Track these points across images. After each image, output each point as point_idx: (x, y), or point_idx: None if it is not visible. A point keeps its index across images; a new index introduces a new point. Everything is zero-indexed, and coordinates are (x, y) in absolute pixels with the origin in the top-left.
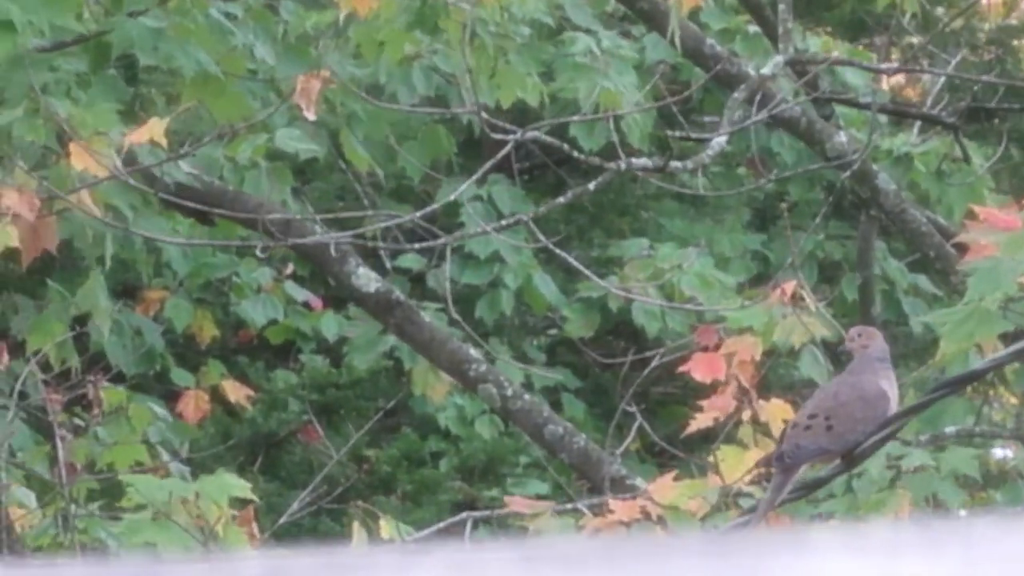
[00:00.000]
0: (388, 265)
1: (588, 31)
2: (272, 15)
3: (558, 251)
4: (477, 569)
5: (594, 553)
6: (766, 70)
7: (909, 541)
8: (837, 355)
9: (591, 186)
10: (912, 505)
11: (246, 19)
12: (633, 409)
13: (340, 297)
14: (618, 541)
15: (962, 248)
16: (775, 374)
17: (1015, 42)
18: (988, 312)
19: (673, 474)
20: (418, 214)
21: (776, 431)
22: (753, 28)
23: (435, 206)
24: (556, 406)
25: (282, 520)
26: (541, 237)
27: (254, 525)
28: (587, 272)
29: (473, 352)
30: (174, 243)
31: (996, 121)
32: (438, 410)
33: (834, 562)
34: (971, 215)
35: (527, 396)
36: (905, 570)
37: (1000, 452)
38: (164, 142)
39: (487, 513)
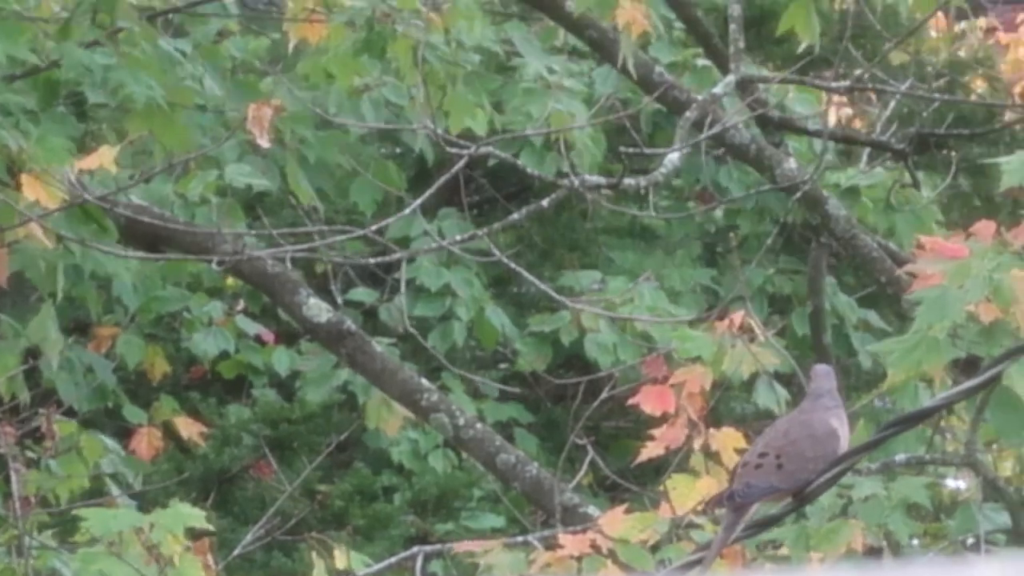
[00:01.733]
0: (339, 299)
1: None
2: (221, 50)
3: (512, 265)
4: None
5: None
6: (717, 89)
7: None
8: (790, 386)
9: (545, 203)
10: (863, 535)
11: (195, 55)
12: (584, 442)
13: (292, 332)
14: None
15: (911, 278)
16: (727, 407)
17: (964, 76)
18: (936, 340)
19: (624, 507)
20: (373, 227)
21: (727, 459)
22: (702, 61)
23: (389, 220)
24: (509, 441)
25: (235, 553)
26: (496, 252)
27: (209, 556)
28: (545, 287)
29: (424, 382)
30: (131, 256)
31: (945, 151)
32: (391, 444)
33: None
34: (920, 245)
35: (479, 425)
36: None
37: (953, 483)
38: (114, 169)
39: (438, 548)
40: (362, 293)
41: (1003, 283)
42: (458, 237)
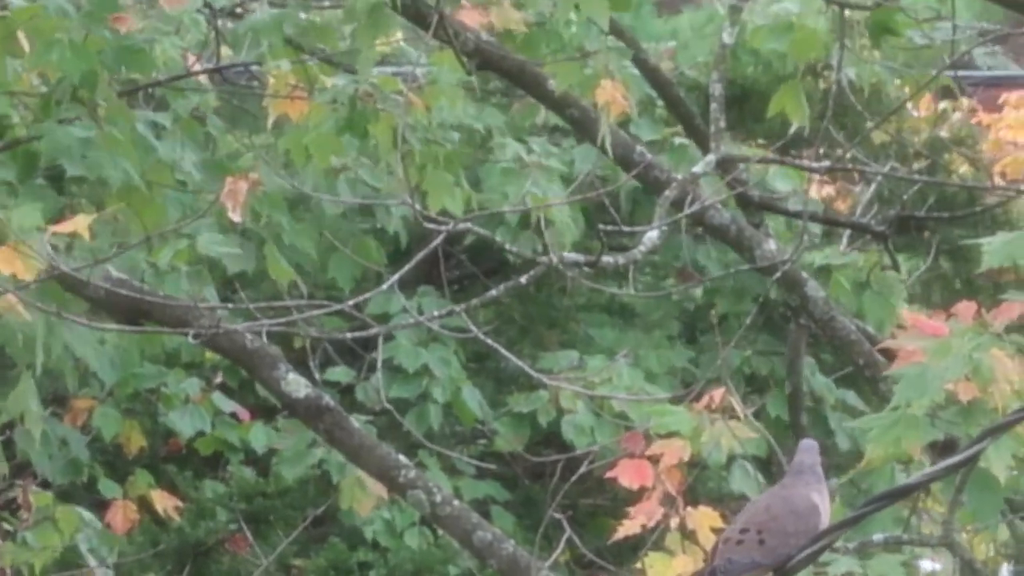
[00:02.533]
0: (318, 377)
1: (519, 139)
2: (200, 125)
3: (490, 342)
4: None
5: None
6: (698, 168)
7: None
8: (767, 469)
9: (523, 279)
10: None
11: (175, 129)
12: (561, 517)
13: (269, 408)
14: None
15: (890, 356)
16: (704, 487)
17: (945, 156)
18: (915, 418)
19: None
20: (351, 302)
21: (704, 538)
22: (680, 139)
23: (368, 295)
24: (486, 519)
25: None
26: (474, 328)
27: None
28: (523, 365)
29: (402, 458)
30: (107, 328)
31: (926, 234)
32: (365, 523)
33: None
34: (900, 323)
35: (456, 502)
36: None
37: (928, 565)
38: (87, 236)
39: None
40: (340, 372)
41: (983, 362)
42: (436, 313)
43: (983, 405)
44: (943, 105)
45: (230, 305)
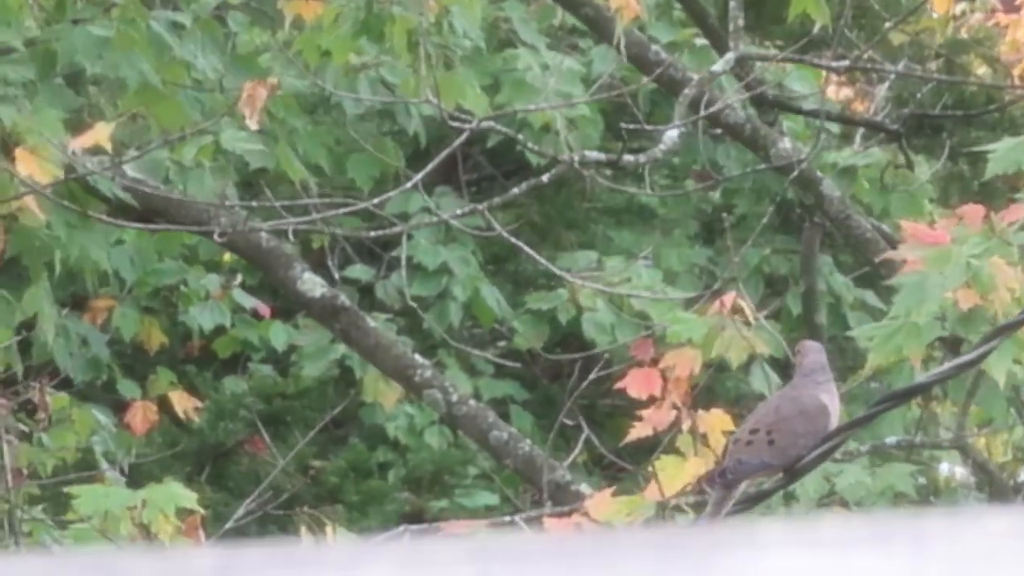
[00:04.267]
0: (336, 276)
1: (532, 47)
2: (220, 26)
3: (512, 239)
4: (428, 564)
5: (543, 548)
6: (717, 67)
7: (859, 536)
8: (785, 370)
9: (544, 178)
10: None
11: (194, 29)
12: (579, 418)
13: (289, 307)
14: (568, 537)
15: (901, 262)
16: (722, 387)
17: (963, 57)
18: (917, 326)
19: (611, 489)
20: (372, 201)
21: (715, 442)
22: (701, 41)
23: (389, 194)
24: (504, 419)
25: (228, 526)
26: (496, 226)
27: (200, 533)
28: (543, 261)
29: (418, 358)
30: (128, 226)
31: (943, 135)
32: (387, 420)
33: (785, 556)
34: (902, 231)
35: (472, 402)
36: (855, 565)
37: (947, 468)
38: (109, 147)
39: (424, 527)
40: (359, 270)
41: (982, 270)
42: (457, 212)
43: (983, 312)
44: (961, 6)
45: (252, 203)
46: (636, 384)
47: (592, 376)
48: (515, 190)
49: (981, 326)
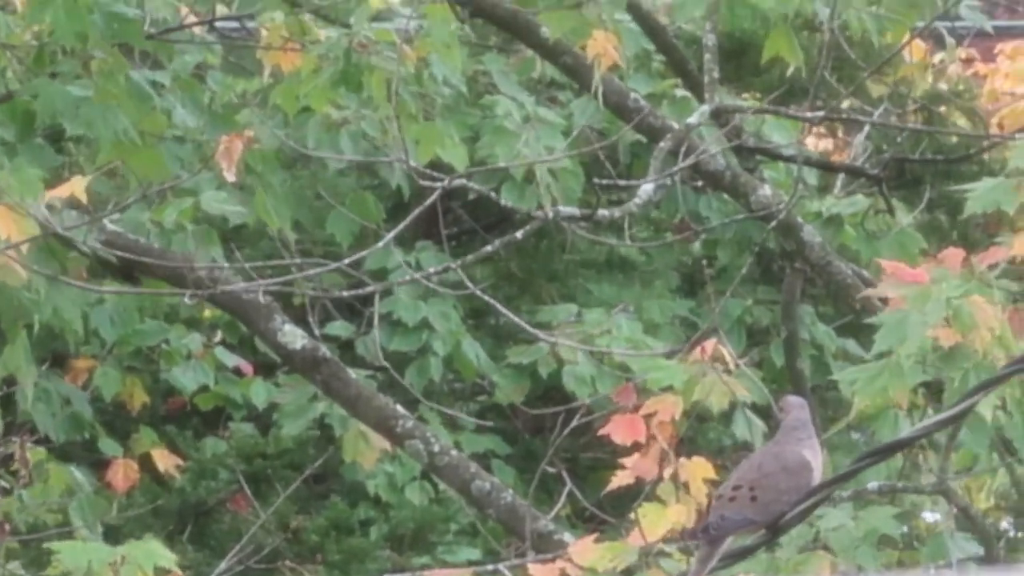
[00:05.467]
0: (316, 332)
1: (512, 99)
2: (199, 84)
3: (487, 298)
4: None
5: None
6: (692, 119)
7: None
8: (768, 418)
9: (519, 234)
10: (833, 567)
11: (174, 88)
12: (560, 469)
13: (270, 364)
14: None
15: (885, 303)
16: (704, 437)
17: (941, 107)
18: (900, 366)
19: (595, 536)
20: (348, 260)
21: (696, 489)
22: (681, 92)
23: (364, 252)
24: (486, 472)
25: None
26: (470, 285)
27: None
28: (520, 321)
29: (400, 409)
30: (103, 291)
31: (921, 185)
32: (368, 477)
33: None
34: (883, 271)
35: (454, 452)
36: None
37: (930, 515)
38: (84, 198)
39: None
40: (339, 327)
41: (962, 308)
42: (433, 269)
43: (965, 350)
44: (939, 56)
45: (226, 265)
46: (620, 431)
47: (574, 423)
48: (489, 247)
49: (962, 364)
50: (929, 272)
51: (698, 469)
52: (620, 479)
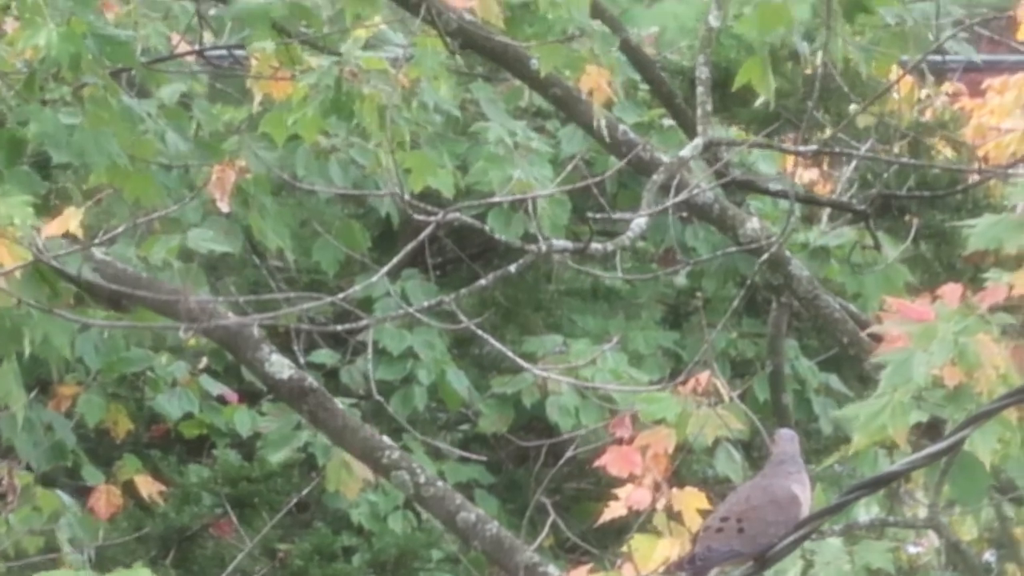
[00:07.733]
0: (302, 360)
1: (502, 126)
2: (185, 112)
3: (477, 330)
4: None
5: None
6: (685, 152)
7: None
8: (751, 453)
9: (512, 268)
10: None
11: (159, 116)
12: (546, 502)
13: (254, 392)
14: None
15: (876, 339)
16: (690, 470)
17: (928, 139)
18: (901, 405)
19: (587, 567)
20: (339, 296)
21: (689, 520)
22: (668, 122)
23: (355, 288)
24: (470, 503)
25: None
26: (464, 319)
27: None
28: (507, 351)
29: (386, 439)
30: (93, 324)
31: (907, 217)
32: (351, 506)
33: None
34: (885, 307)
35: (440, 483)
36: None
37: (913, 548)
38: (80, 233)
39: None
40: (324, 355)
41: (968, 347)
42: (424, 304)
43: (968, 390)
44: (926, 91)
45: (218, 298)
46: (615, 462)
47: (566, 457)
48: (482, 281)
49: (967, 404)
50: (931, 308)
51: (691, 499)
52: (613, 510)
